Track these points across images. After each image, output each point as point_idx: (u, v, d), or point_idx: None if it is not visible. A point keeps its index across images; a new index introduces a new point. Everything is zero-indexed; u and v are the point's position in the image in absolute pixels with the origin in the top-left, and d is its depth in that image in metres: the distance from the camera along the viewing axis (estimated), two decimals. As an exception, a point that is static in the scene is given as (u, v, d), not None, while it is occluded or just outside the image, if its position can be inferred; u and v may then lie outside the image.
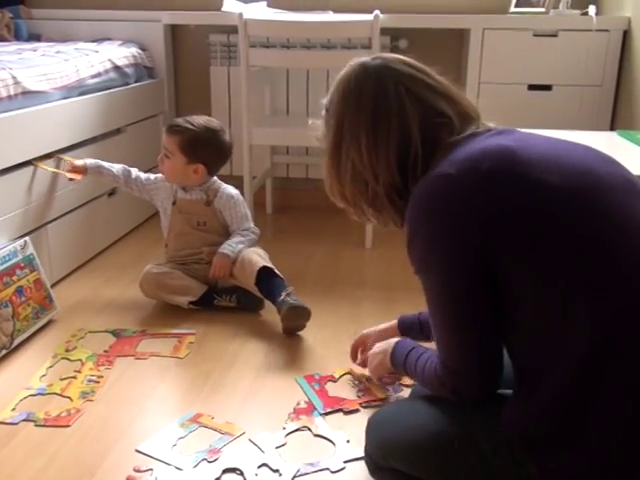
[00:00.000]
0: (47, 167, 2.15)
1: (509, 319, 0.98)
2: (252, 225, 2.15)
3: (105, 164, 2.18)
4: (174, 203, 2.13)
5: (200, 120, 2.05)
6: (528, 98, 2.60)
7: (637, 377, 0.88)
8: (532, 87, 2.60)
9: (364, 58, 1.15)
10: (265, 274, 1.99)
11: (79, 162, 2.17)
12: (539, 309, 0.94)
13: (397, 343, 1.33)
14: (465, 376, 1.03)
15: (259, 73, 2.77)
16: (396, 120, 1.07)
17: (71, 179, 2.17)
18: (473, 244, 0.96)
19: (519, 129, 1.10)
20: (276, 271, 2.01)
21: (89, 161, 2.18)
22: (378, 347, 1.44)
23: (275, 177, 3.20)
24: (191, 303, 2.06)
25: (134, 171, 2.19)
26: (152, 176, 2.19)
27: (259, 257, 2.04)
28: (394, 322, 1.57)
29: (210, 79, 3.04)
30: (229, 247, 2.08)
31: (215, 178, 2.15)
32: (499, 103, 2.59)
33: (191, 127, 2.03)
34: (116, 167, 2.18)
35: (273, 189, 3.17)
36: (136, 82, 2.86)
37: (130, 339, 1.92)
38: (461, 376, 1.03)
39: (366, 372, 1.62)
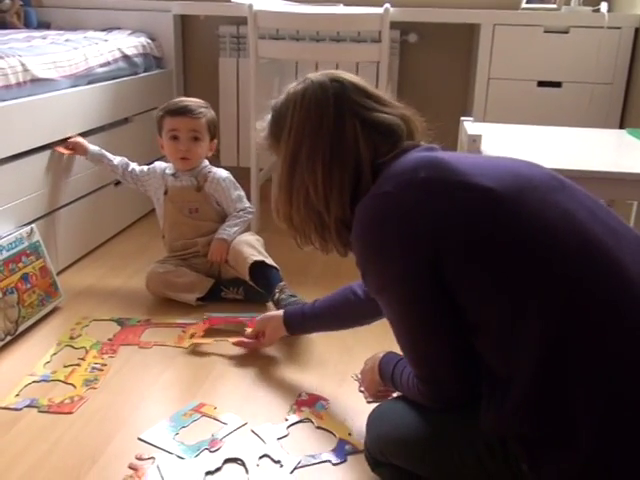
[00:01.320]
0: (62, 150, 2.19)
1: (468, 322, 0.99)
2: (247, 205, 2.14)
3: (107, 154, 2.20)
4: (165, 192, 2.13)
5: (195, 100, 2.10)
6: (538, 95, 2.59)
7: (600, 373, 0.89)
8: (542, 84, 2.59)
9: (319, 76, 1.16)
10: (259, 266, 1.99)
11: (82, 140, 2.20)
12: (491, 310, 0.95)
13: (382, 359, 1.32)
14: (443, 386, 1.04)
15: (268, 65, 2.79)
16: (351, 155, 1.09)
17: (61, 152, 2.17)
18: (426, 254, 0.97)
19: (440, 149, 1.14)
20: (268, 262, 2.00)
21: (93, 147, 2.21)
22: (367, 364, 1.44)
23: None
24: (198, 299, 2.06)
25: (131, 164, 2.21)
26: (145, 168, 2.19)
27: (251, 248, 2.03)
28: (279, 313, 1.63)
29: (219, 70, 3.04)
30: (225, 231, 2.08)
31: (206, 162, 2.14)
32: (508, 99, 2.58)
33: (204, 106, 2.08)
34: (117, 159, 2.20)
35: None
36: (145, 72, 2.86)
37: (134, 328, 1.93)
38: (439, 387, 1.05)
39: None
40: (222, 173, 2.13)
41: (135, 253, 2.47)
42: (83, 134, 2.36)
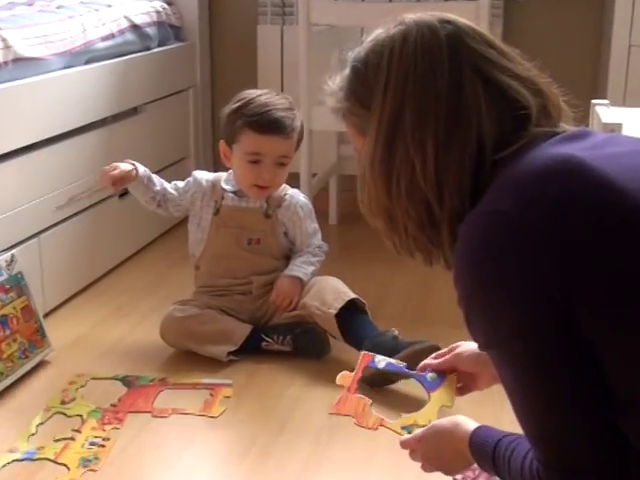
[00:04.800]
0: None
1: (613, 393, 0.99)
2: (323, 243, 2.22)
3: (154, 176, 2.17)
4: (217, 213, 2.17)
5: (281, 101, 2.11)
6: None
7: None
8: None
9: (423, 16, 1.14)
10: (351, 308, 2.05)
11: (126, 166, 2.12)
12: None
13: (475, 432, 1.26)
14: (578, 475, 1.03)
15: (324, 34, 2.79)
16: (472, 125, 1.08)
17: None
18: (554, 300, 0.97)
19: (594, 131, 1.12)
20: (365, 306, 2.08)
21: (141, 168, 2.14)
22: (430, 431, 1.33)
23: (342, 175, 3.21)
24: (231, 353, 2.09)
25: (167, 186, 2.19)
26: (180, 184, 2.21)
27: (341, 284, 2.11)
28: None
29: (257, 42, 3.09)
30: (301, 269, 2.14)
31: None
32: None
33: (292, 109, 2.12)
34: (157, 181, 2.18)
35: (339, 191, 3.19)
36: (159, 46, 2.90)
37: (146, 389, 1.94)
38: (573, 475, 1.03)
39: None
40: (300, 198, 2.21)
41: (147, 289, 2.46)
42: (80, 130, 2.41)
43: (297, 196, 2.20)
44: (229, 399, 1.91)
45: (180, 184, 2.20)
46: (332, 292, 2.10)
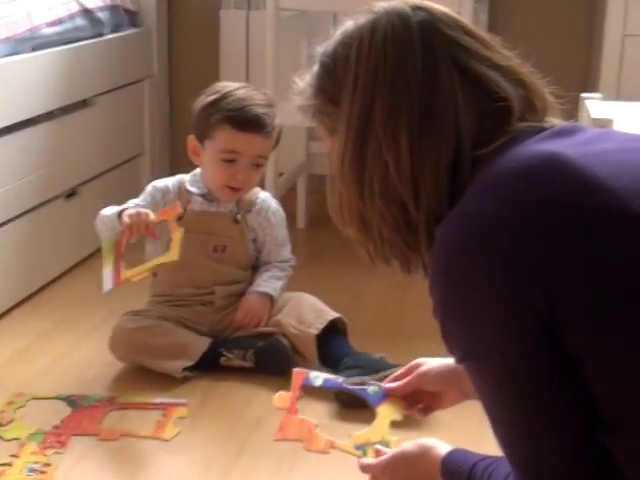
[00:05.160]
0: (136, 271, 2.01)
1: (601, 413, 0.99)
2: (292, 256, 2.24)
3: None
4: (180, 218, 2.08)
5: (260, 96, 2.10)
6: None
7: None
8: None
9: (393, 3, 1.14)
10: (332, 329, 2.08)
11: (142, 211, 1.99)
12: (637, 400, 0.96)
13: (448, 457, 1.28)
14: None
15: (293, 20, 2.79)
16: (450, 117, 1.09)
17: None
18: (537, 310, 0.97)
19: (585, 127, 1.14)
20: (347, 327, 2.12)
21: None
22: (399, 458, 1.35)
23: (312, 174, 3.20)
24: (186, 369, 2.06)
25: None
26: (149, 196, 2.13)
27: (319, 302, 2.13)
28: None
29: (220, 29, 3.08)
30: (269, 284, 2.14)
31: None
32: None
33: (272, 106, 2.09)
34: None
35: (308, 192, 3.17)
36: (113, 32, 2.88)
37: (92, 410, 1.92)
38: None
39: None
40: (273, 204, 2.21)
41: (95, 299, 2.37)
42: (24, 123, 2.36)
43: (269, 201, 2.20)
44: (183, 420, 1.89)
45: (149, 196, 2.12)
46: (311, 310, 2.11)
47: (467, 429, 1.72)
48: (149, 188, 2.15)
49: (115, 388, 2.01)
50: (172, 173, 3.28)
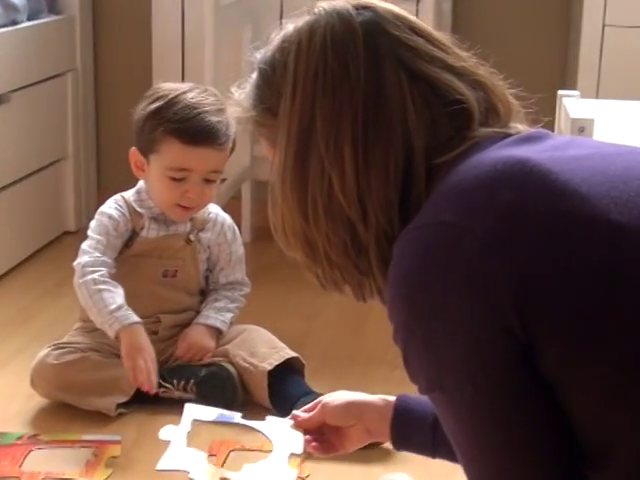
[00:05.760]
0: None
1: (582, 444, 1.00)
2: (247, 280, 2.22)
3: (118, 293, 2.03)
4: (128, 245, 2.08)
5: (210, 99, 2.03)
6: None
7: None
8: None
9: (335, 3, 1.15)
10: (287, 368, 2.05)
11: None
12: (619, 427, 0.96)
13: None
14: None
15: (235, 6, 2.82)
16: (397, 124, 1.09)
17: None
18: (506, 329, 0.97)
19: (553, 133, 1.15)
20: (304, 368, 2.10)
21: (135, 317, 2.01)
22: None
23: (257, 181, 3.19)
24: (121, 405, 2.02)
25: (105, 258, 2.05)
26: (103, 238, 2.06)
27: (275, 338, 2.12)
28: (383, 399, 1.50)
29: (151, 16, 3.07)
30: (218, 317, 2.11)
31: None
32: (629, 53, 2.66)
33: (227, 119, 2.01)
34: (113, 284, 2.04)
35: (254, 200, 3.17)
36: (29, 20, 2.85)
37: (12, 449, 1.90)
38: None
39: None
40: (227, 218, 2.20)
41: (11, 325, 2.40)
42: None
43: (223, 215, 2.20)
44: (116, 460, 1.88)
45: (96, 243, 2.04)
46: (265, 344, 2.10)
47: (438, 463, 1.70)
48: (103, 219, 2.07)
49: (38, 424, 1.99)
50: (99, 181, 3.19)
